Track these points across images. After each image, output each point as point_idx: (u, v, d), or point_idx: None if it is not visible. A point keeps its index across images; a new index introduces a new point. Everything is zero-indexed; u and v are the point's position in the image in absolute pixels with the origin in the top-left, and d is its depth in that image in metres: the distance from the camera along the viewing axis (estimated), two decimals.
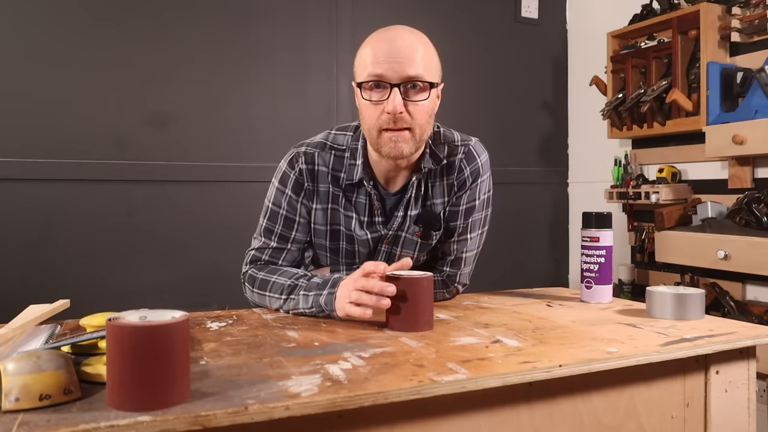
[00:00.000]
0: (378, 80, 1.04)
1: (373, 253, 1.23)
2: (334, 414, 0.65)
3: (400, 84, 1.03)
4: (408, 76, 1.03)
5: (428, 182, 1.19)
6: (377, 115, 1.05)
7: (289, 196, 1.18)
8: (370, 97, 1.06)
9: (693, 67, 2.15)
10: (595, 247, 1.18)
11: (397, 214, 1.19)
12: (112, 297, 2.06)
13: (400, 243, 1.21)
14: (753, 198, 1.87)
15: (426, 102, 1.06)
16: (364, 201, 1.18)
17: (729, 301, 1.97)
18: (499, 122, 2.76)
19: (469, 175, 1.20)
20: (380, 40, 1.06)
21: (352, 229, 1.19)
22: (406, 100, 1.04)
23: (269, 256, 1.20)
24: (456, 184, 1.20)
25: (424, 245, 1.22)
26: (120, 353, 0.59)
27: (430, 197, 1.20)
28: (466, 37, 2.70)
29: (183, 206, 2.20)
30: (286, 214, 1.18)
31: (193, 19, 2.21)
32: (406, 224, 1.19)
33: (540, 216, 2.87)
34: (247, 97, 2.29)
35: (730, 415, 0.92)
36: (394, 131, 1.05)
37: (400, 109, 1.03)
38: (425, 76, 1.05)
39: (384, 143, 1.07)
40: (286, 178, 1.18)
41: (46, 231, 2.03)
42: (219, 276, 2.23)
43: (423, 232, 1.20)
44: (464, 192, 1.20)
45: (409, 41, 1.05)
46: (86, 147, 2.07)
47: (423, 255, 1.25)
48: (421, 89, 1.05)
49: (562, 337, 0.89)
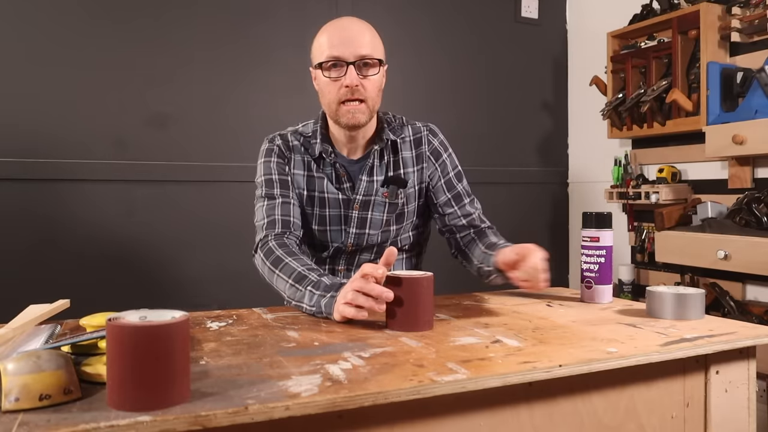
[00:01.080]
0: (336, 60, 1.22)
1: (347, 219, 1.33)
2: (334, 414, 0.65)
3: (354, 62, 1.21)
4: (361, 55, 1.22)
5: (398, 154, 1.36)
6: (336, 89, 1.23)
7: (276, 162, 1.33)
8: (329, 75, 1.23)
9: (693, 67, 2.15)
10: (595, 247, 1.18)
11: (361, 178, 1.32)
12: (112, 297, 2.06)
13: (370, 207, 1.33)
14: (753, 198, 1.87)
15: (376, 77, 1.25)
16: (330, 171, 1.34)
17: (729, 301, 1.97)
18: (499, 122, 2.76)
19: (439, 145, 1.39)
20: (334, 28, 1.25)
21: (325, 190, 1.32)
22: (360, 76, 1.22)
23: (281, 214, 1.27)
24: (429, 154, 1.38)
25: (392, 206, 1.34)
26: (120, 353, 0.59)
27: (400, 167, 1.36)
28: (466, 37, 2.70)
29: (183, 206, 2.20)
30: (279, 178, 1.31)
31: (192, 19, 2.21)
32: (373, 188, 1.33)
33: (540, 216, 2.87)
34: (247, 96, 2.29)
35: (730, 415, 0.92)
36: (351, 102, 1.23)
37: (356, 82, 1.21)
38: (374, 55, 1.24)
39: (342, 114, 1.24)
40: (269, 152, 1.34)
41: (46, 231, 2.03)
42: (219, 276, 2.23)
43: (390, 191, 1.34)
44: (443, 160, 1.39)
45: (358, 27, 1.25)
46: (86, 147, 2.07)
47: (393, 220, 1.36)
48: (371, 66, 1.24)
49: (562, 337, 0.89)
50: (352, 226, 1.33)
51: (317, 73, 1.27)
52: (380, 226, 1.34)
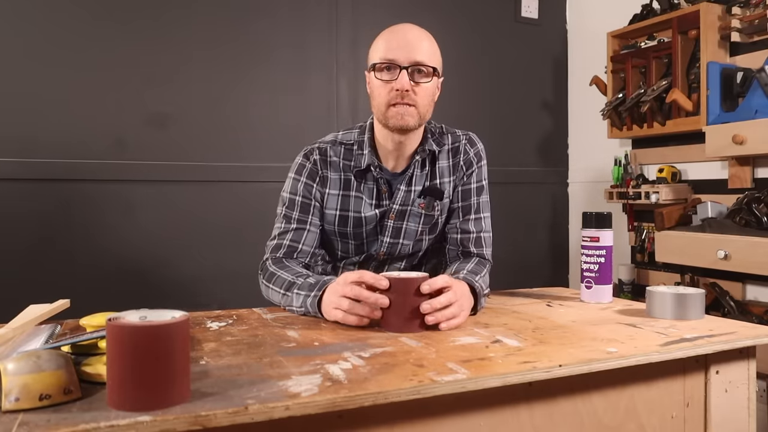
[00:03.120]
0: (390, 63, 1.20)
1: (381, 229, 1.32)
2: (334, 414, 0.65)
3: (408, 67, 1.19)
4: (415, 61, 1.20)
5: (435, 164, 1.33)
6: (387, 92, 1.21)
7: (304, 183, 1.29)
8: (381, 77, 1.22)
9: (693, 67, 2.15)
10: (595, 247, 1.18)
11: (400, 187, 1.30)
12: (112, 297, 2.06)
13: (405, 217, 1.31)
14: (753, 198, 1.87)
15: (429, 85, 1.22)
16: (372, 186, 1.30)
17: (729, 301, 1.97)
18: (499, 122, 2.76)
19: (474, 156, 1.35)
20: (392, 32, 1.24)
21: (361, 210, 1.29)
22: (412, 82, 1.20)
23: (290, 240, 1.26)
24: (463, 163, 1.34)
25: (428, 217, 1.32)
26: (120, 353, 0.58)
27: (437, 176, 1.33)
28: (466, 37, 2.70)
29: (183, 206, 2.20)
30: (302, 200, 1.29)
31: (192, 19, 2.21)
32: (410, 198, 1.31)
33: (540, 216, 2.87)
34: (247, 96, 2.29)
35: (730, 415, 0.92)
36: (401, 105, 1.20)
37: (407, 87, 1.19)
38: (429, 62, 1.21)
39: (391, 116, 1.21)
40: (301, 168, 1.30)
41: (46, 231, 2.03)
42: (219, 276, 2.23)
43: (426, 202, 1.31)
44: (473, 170, 1.35)
45: (417, 33, 1.24)
46: (86, 147, 2.07)
47: (426, 231, 1.33)
48: (425, 74, 1.22)
49: (562, 337, 0.89)
50: (387, 236, 1.32)
51: (370, 75, 1.25)
52: (414, 236, 1.33)
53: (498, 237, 2.63)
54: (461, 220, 1.33)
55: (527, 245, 2.83)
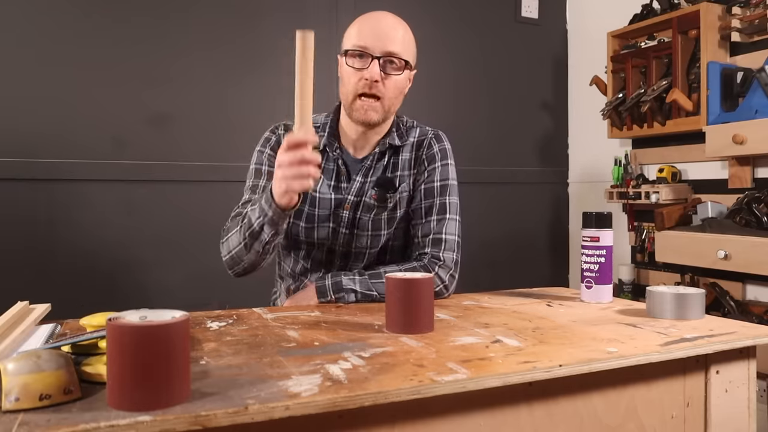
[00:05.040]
0: (362, 51, 1.19)
1: (336, 218, 1.30)
2: (334, 414, 0.65)
3: (380, 57, 1.18)
4: (388, 51, 1.19)
5: (397, 156, 1.31)
6: (356, 80, 1.20)
7: (269, 154, 1.30)
8: (353, 64, 1.20)
9: (693, 67, 2.15)
10: (596, 247, 1.18)
11: (356, 178, 1.29)
12: (113, 297, 2.06)
13: (360, 208, 1.30)
14: (753, 198, 1.87)
15: (400, 78, 1.22)
16: (332, 167, 1.30)
17: (729, 301, 1.97)
18: (499, 122, 2.76)
19: (438, 151, 1.32)
20: (368, 18, 1.22)
21: (317, 189, 1.28)
22: (383, 73, 1.19)
23: None
24: (425, 158, 1.31)
25: (380, 208, 1.30)
26: (120, 353, 0.58)
27: (397, 169, 1.31)
28: (467, 37, 2.70)
29: (183, 206, 2.20)
30: (268, 169, 1.28)
31: (192, 19, 2.21)
32: (365, 189, 1.29)
33: (540, 216, 2.87)
34: (247, 96, 2.29)
35: (730, 415, 0.92)
36: (368, 98, 1.20)
37: (377, 78, 1.18)
38: (402, 54, 1.20)
39: (356, 108, 1.21)
40: (266, 142, 1.32)
41: (45, 230, 2.03)
42: (219, 276, 2.22)
43: (378, 194, 1.29)
44: (435, 167, 1.31)
45: (392, 22, 1.21)
46: (86, 147, 2.07)
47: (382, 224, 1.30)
48: (397, 67, 1.21)
49: (563, 337, 0.89)
50: (342, 227, 1.30)
51: (342, 60, 1.23)
52: (368, 228, 1.30)
53: (498, 237, 2.65)
54: (423, 221, 1.29)
55: (527, 245, 2.83)
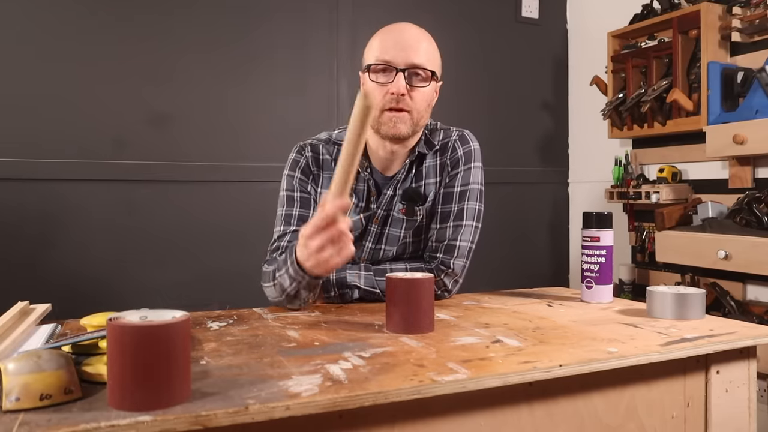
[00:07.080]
0: (386, 65, 1.15)
1: (364, 234, 1.26)
2: (335, 414, 0.65)
3: (405, 69, 1.14)
4: (413, 63, 1.14)
5: (422, 163, 1.26)
6: (381, 95, 1.15)
7: (299, 179, 1.25)
8: (376, 79, 1.16)
9: (693, 67, 2.15)
10: (596, 247, 1.18)
11: (386, 192, 1.24)
12: (112, 297, 2.06)
13: (388, 222, 1.26)
14: (753, 198, 1.87)
15: (426, 89, 1.17)
16: (363, 188, 1.25)
17: (729, 301, 1.97)
18: (500, 122, 2.76)
19: (462, 155, 1.26)
20: (390, 30, 1.18)
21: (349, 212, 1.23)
22: (408, 86, 1.15)
23: (287, 241, 1.20)
24: (449, 163, 1.26)
25: (410, 222, 1.25)
26: (120, 353, 0.58)
27: (422, 177, 1.26)
28: (467, 37, 2.70)
29: (183, 206, 2.20)
30: (300, 195, 1.24)
31: (193, 19, 2.21)
32: (393, 202, 1.25)
33: (540, 216, 2.87)
34: (247, 96, 2.29)
35: (730, 415, 0.92)
36: (395, 111, 1.15)
37: (403, 91, 1.14)
38: (427, 66, 1.16)
39: (384, 122, 1.16)
40: (295, 164, 1.27)
41: (46, 231, 2.03)
42: (219, 276, 2.23)
43: (407, 207, 1.24)
44: (458, 172, 1.25)
45: (416, 34, 1.18)
46: (86, 147, 2.07)
47: (410, 234, 1.26)
48: (423, 78, 1.16)
49: (563, 337, 0.89)
50: (369, 241, 1.26)
51: (365, 77, 1.19)
52: (397, 242, 1.26)
53: (498, 237, 2.65)
54: (438, 226, 1.24)
55: (527, 245, 2.83)
